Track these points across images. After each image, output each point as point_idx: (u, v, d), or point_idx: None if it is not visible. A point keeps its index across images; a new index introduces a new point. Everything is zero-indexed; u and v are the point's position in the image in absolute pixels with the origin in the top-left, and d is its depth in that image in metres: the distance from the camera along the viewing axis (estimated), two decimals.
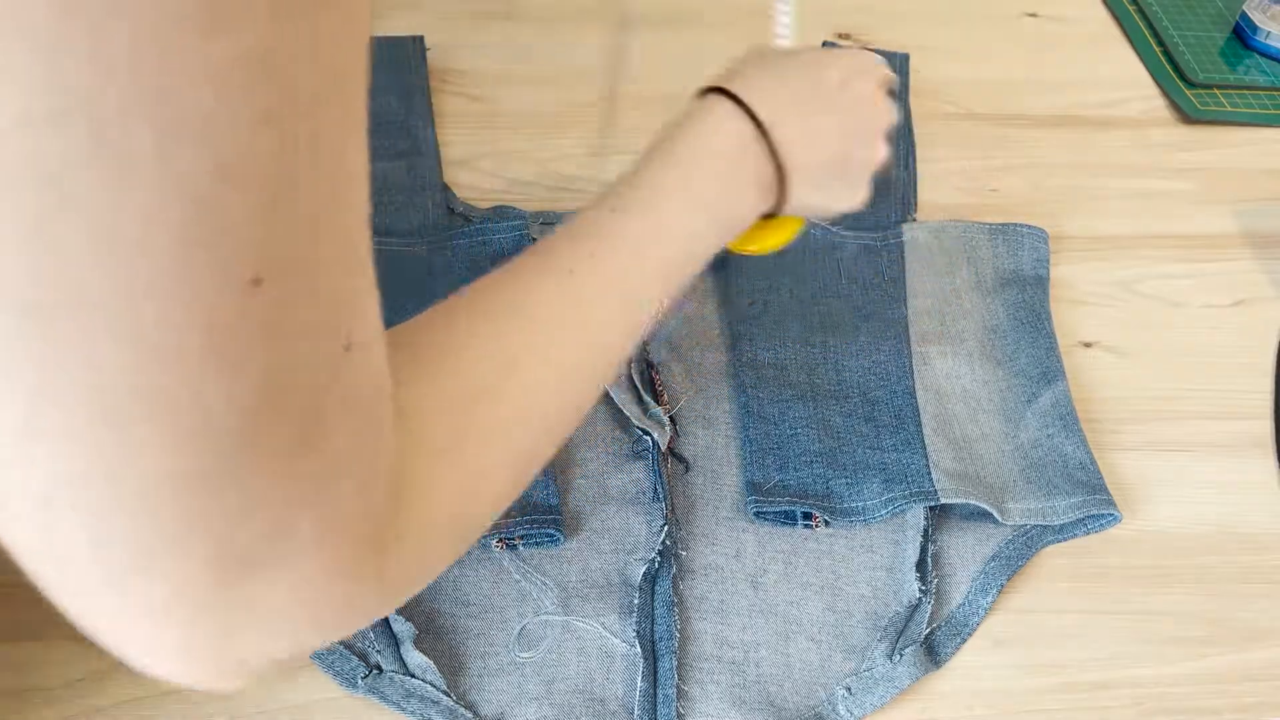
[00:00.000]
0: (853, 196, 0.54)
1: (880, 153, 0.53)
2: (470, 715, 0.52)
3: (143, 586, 0.28)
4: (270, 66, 0.24)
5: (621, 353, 0.44)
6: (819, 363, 0.65)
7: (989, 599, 0.57)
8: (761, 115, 0.48)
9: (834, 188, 0.52)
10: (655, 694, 0.53)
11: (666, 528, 0.58)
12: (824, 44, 0.84)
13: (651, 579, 0.57)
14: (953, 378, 0.65)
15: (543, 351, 0.39)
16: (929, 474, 0.59)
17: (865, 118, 0.52)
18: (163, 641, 0.30)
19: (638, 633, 0.55)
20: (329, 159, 0.27)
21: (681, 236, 0.46)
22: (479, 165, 0.76)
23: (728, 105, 0.49)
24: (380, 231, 0.69)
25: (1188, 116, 0.84)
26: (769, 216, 0.53)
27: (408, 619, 0.54)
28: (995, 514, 0.58)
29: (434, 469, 0.35)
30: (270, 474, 0.28)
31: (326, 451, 0.29)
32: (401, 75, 0.79)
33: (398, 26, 0.83)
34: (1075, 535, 0.60)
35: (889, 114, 0.54)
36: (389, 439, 0.32)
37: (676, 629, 0.55)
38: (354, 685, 0.52)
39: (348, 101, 0.27)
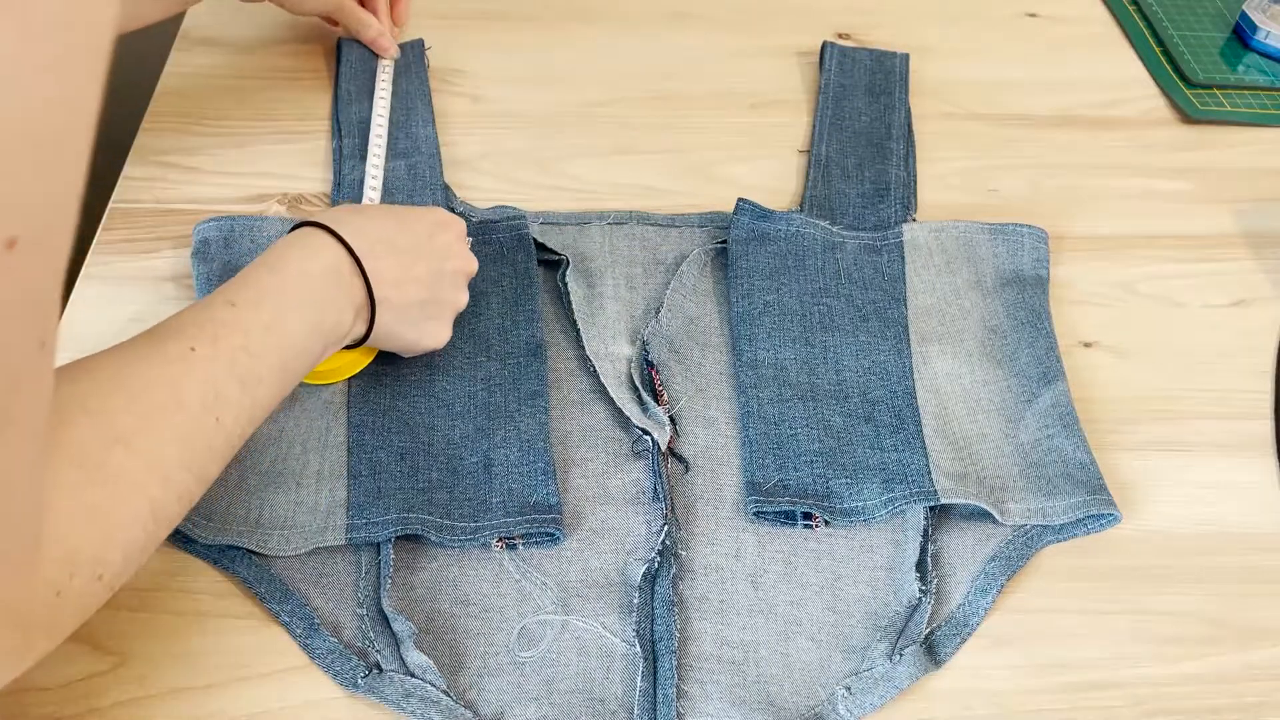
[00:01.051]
0: (438, 334, 0.60)
1: (463, 297, 0.61)
2: (470, 715, 0.52)
3: None
4: (42, 21, 0.24)
5: (236, 433, 0.47)
6: (819, 363, 0.65)
7: (989, 599, 0.57)
8: (356, 248, 0.54)
9: (422, 325, 0.59)
10: (655, 694, 0.53)
11: (666, 527, 0.58)
12: (823, 44, 0.84)
13: (651, 579, 0.57)
14: (953, 378, 0.65)
15: (158, 425, 0.41)
16: (929, 474, 0.59)
17: (451, 266, 0.59)
18: None
19: (637, 632, 0.55)
20: (81, 121, 0.26)
21: (290, 333, 0.50)
22: (479, 165, 0.76)
23: (325, 236, 0.55)
24: None
25: (1188, 116, 0.84)
26: (352, 346, 0.58)
27: (408, 619, 0.54)
28: (995, 514, 0.58)
29: (75, 505, 0.36)
30: None
31: (10, 460, 0.29)
32: (402, 78, 0.79)
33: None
34: (1075, 535, 0.60)
35: (470, 262, 0.61)
36: (43, 457, 0.32)
37: (676, 629, 0.55)
38: (354, 685, 0.52)
39: (97, 70, 0.27)
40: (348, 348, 0.58)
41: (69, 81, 0.26)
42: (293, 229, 0.56)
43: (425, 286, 0.58)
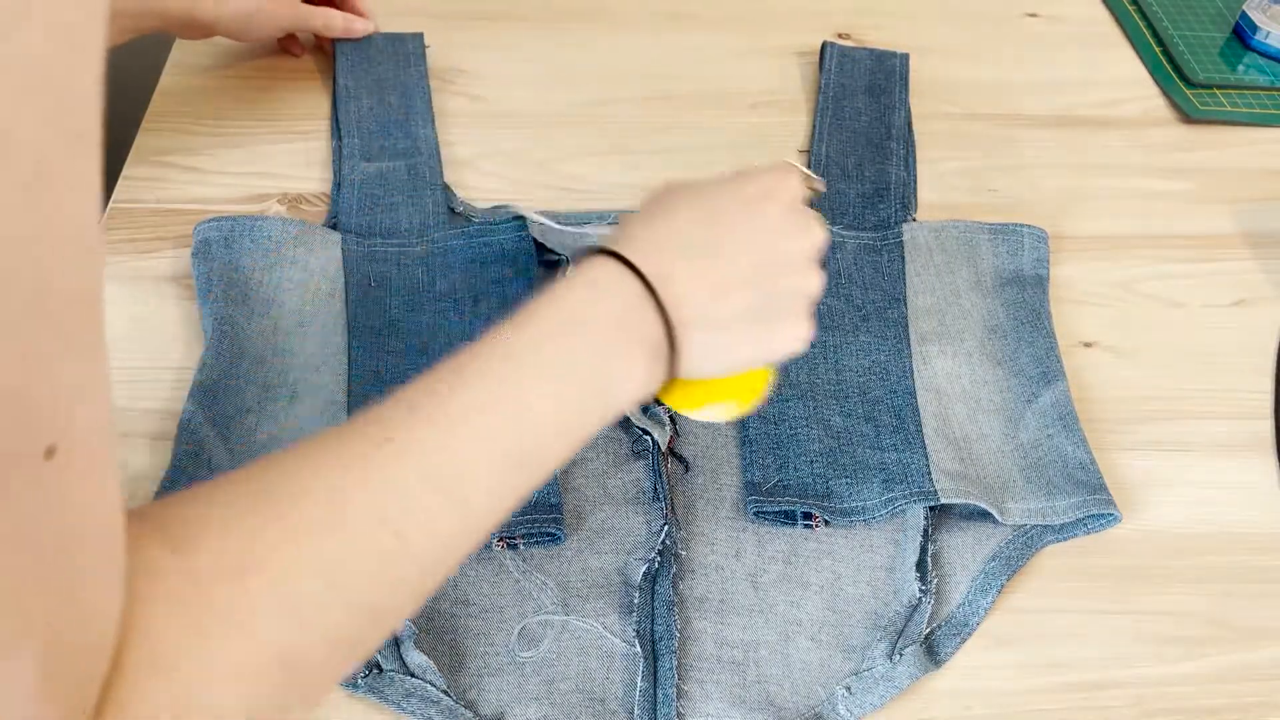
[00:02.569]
0: (793, 335, 0.47)
1: (814, 279, 0.47)
2: (470, 715, 0.52)
3: None
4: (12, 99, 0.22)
5: (434, 558, 0.37)
6: (819, 362, 0.65)
7: (989, 599, 0.57)
8: (648, 272, 0.42)
9: (760, 333, 0.45)
10: (655, 694, 0.53)
11: (666, 527, 0.58)
12: (823, 44, 0.84)
13: (651, 578, 0.57)
14: (953, 378, 0.65)
15: (298, 549, 0.32)
16: (929, 474, 0.59)
17: (782, 248, 0.45)
18: None
19: (638, 632, 0.55)
20: (65, 215, 0.24)
21: (546, 424, 0.40)
22: (479, 165, 0.76)
23: (613, 266, 0.43)
24: (380, 231, 0.70)
25: (1188, 116, 0.84)
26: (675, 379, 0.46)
27: (408, 619, 0.54)
28: (995, 514, 0.58)
29: (209, 649, 0.29)
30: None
31: (16, 578, 0.24)
32: (401, 74, 0.79)
33: (398, 26, 0.83)
34: (1075, 535, 0.60)
35: (811, 234, 0.47)
36: (111, 587, 0.27)
37: (676, 629, 0.55)
38: (354, 685, 0.52)
39: (85, 158, 0.24)
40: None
41: (42, 164, 0.23)
42: (590, 253, 0.44)
43: (751, 287, 0.45)
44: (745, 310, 0.44)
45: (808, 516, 0.59)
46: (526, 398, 0.39)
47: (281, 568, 0.32)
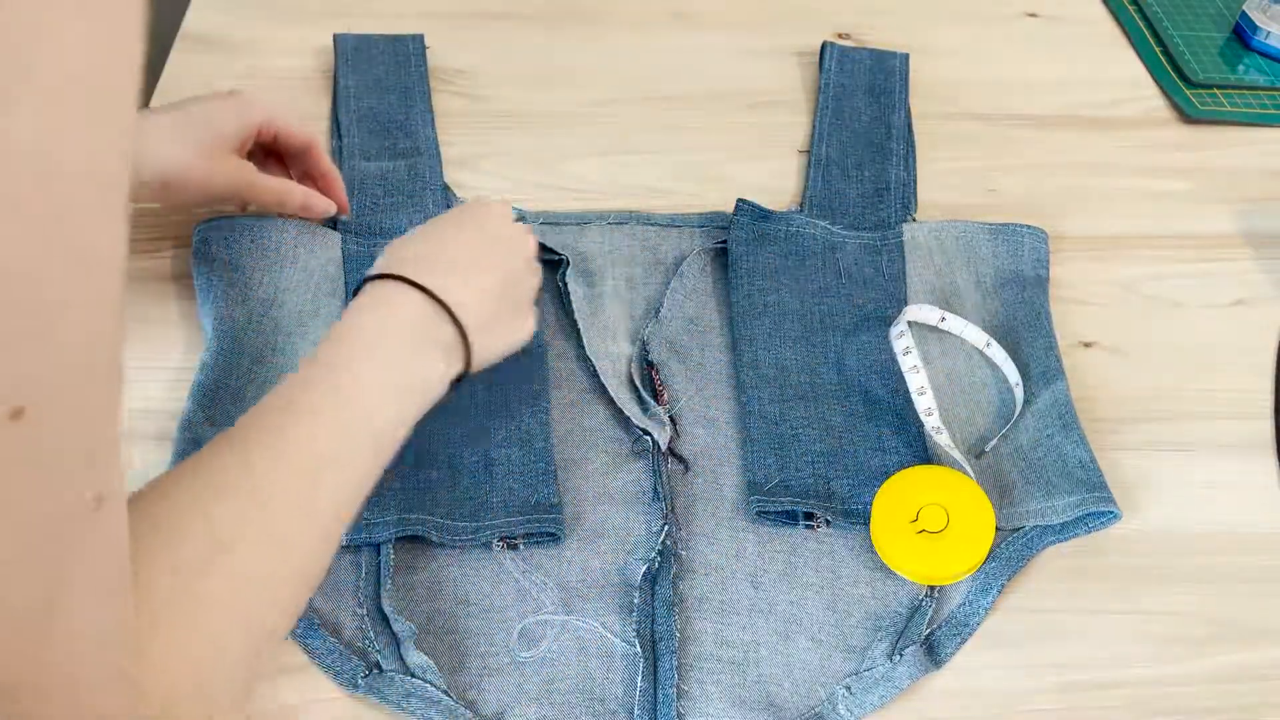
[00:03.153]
0: (524, 328, 0.57)
1: (536, 279, 0.58)
2: (470, 715, 0.52)
3: None
4: (37, 162, 0.22)
5: (336, 513, 0.44)
6: (819, 362, 0.65)
7: (989, 599, 0.57)
8: (431, 287, 0.51)
9: (509, 328, 0.56)
10: (655, 694, 0.53)
11: (666, 527, 0.58)
12: (823, 44, 0.84)
13: (651, 578, 0.57)
14: (953, 378, 0.65)
15: (256, 523, 0.39)
16: None
17: (513, 257, 0.56)
18: None
19: (638, 632, 0.55)
20: (98, 282, 0.24)
21: (379, 401, 0.47)
22: (479, 165, 0.76)
23: (399, 288, 0.51)
24: (380, 231, 0.70)
25: (1188, 116, 0.84)
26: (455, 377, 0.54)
27: (408, 619, 0.54)
28: (995, 515, 0.58)
29: (167, 639, 0.34)
30: (11, 649, 0.25)
31: (69, 620, 0.26)
32: (401, 74, 0.79)
33: (398, 26, 0.83)
34: (1076, 535, 0.60)
35: (528, 242, 0.58)
36: (132, 611, 0.30)
37: (676, 629, 0.55)
38: (354, 685, 0.52)
39: (114, 212, 0.25)
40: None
41: (76, 232, 0.24)
42: (358, 287, 0.53)
43: (499, 284, 0.55)
44: (500, 311, 0.55)
45: (809, 517, 0.59)
46: (368, 392, 0.47)
47: (241, 556, 0.38)
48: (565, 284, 0.67)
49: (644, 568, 0.56)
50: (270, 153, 0.67)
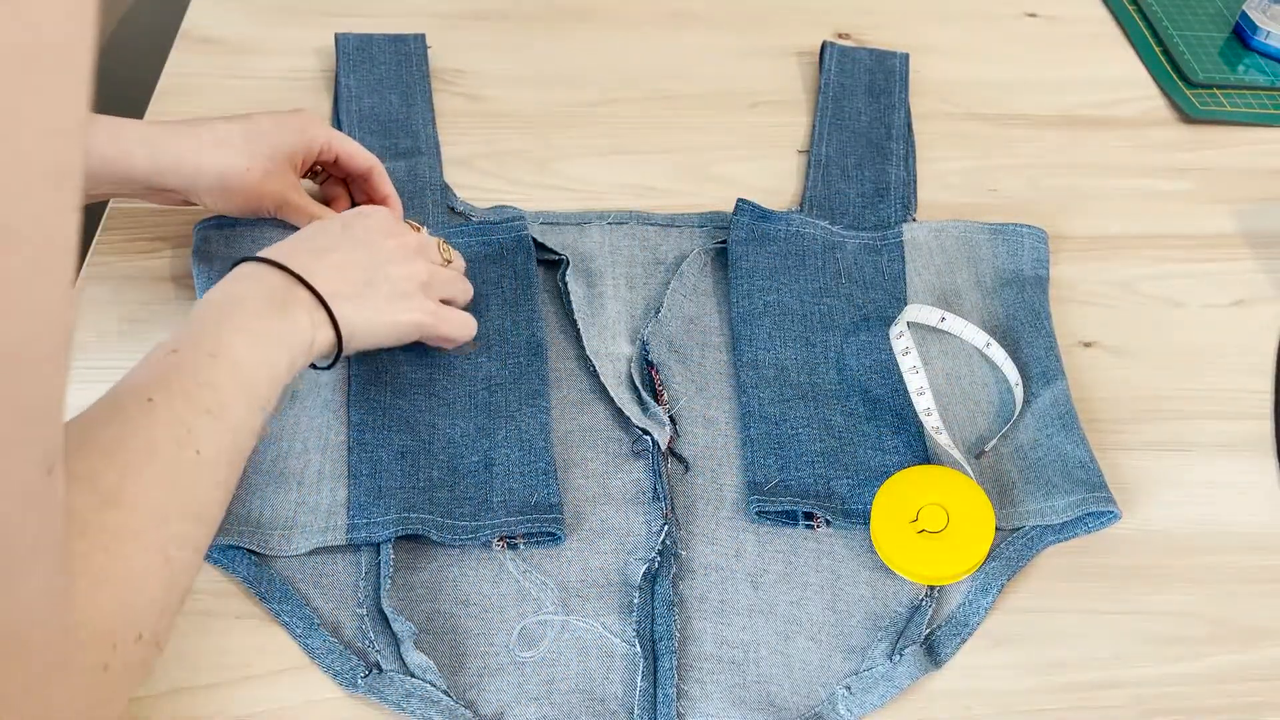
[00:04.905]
0: (415, 308, 0.59)
1: (413, 269, 0.60)
2: (470, 715, 0.52)
3: None
4: None
5: (223, 462, 0.47)
6: (819, 362, 0.65)
7: (989, 599, 0.57)
8: (288, 263, 0.55)
9: (382, 303, 0.58)
10: (655, 694, 0.53)
11: (666, 527, 0.58)
12: (823, 44, 0.84)
13: (651, 578, 0.57)
14: (953, 378, 0.65)
15: (139, 476, 0.41)
16: None
17: (377, 244, 0.59)
18: None
19: (638, 632, 0.55)
20: (42, 259, 0.25)
21: (239, 355, 0.50)
22: (479, 165, 0.76)
23: (249, 265, 0.55)
24: None
25: (1188, 116, 0.84)
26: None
27: (408, 619, 0.54)
28: (995, 515, 0.58)
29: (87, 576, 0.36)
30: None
31: (31, 585, 0.28)
32: (402, 74, 0.79)
33: (399, 26, 0.83)
34: (1076, 534, 0.60)
35: (405, 236, 0.61)
36: (66, 567, 0.32)
37: (676, 629, 0.55)
38: (354, 685, 0.52)
39: (61, 197, 0.25)
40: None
41: (24, 217, 0.24)
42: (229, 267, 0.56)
43: (363, 268, 0.57)
44: (367, 288, 0.57)
45: (809, 517, 0.59)
46: (235, 346, 0.50)
47: (138, 489, 0.41)
48: (565, 284, 0.67)
49: (644, 568, 0.56)
50: (333, 172, 0.70)
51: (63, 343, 0.27)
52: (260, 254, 0.55)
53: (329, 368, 0.57)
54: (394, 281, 0.58)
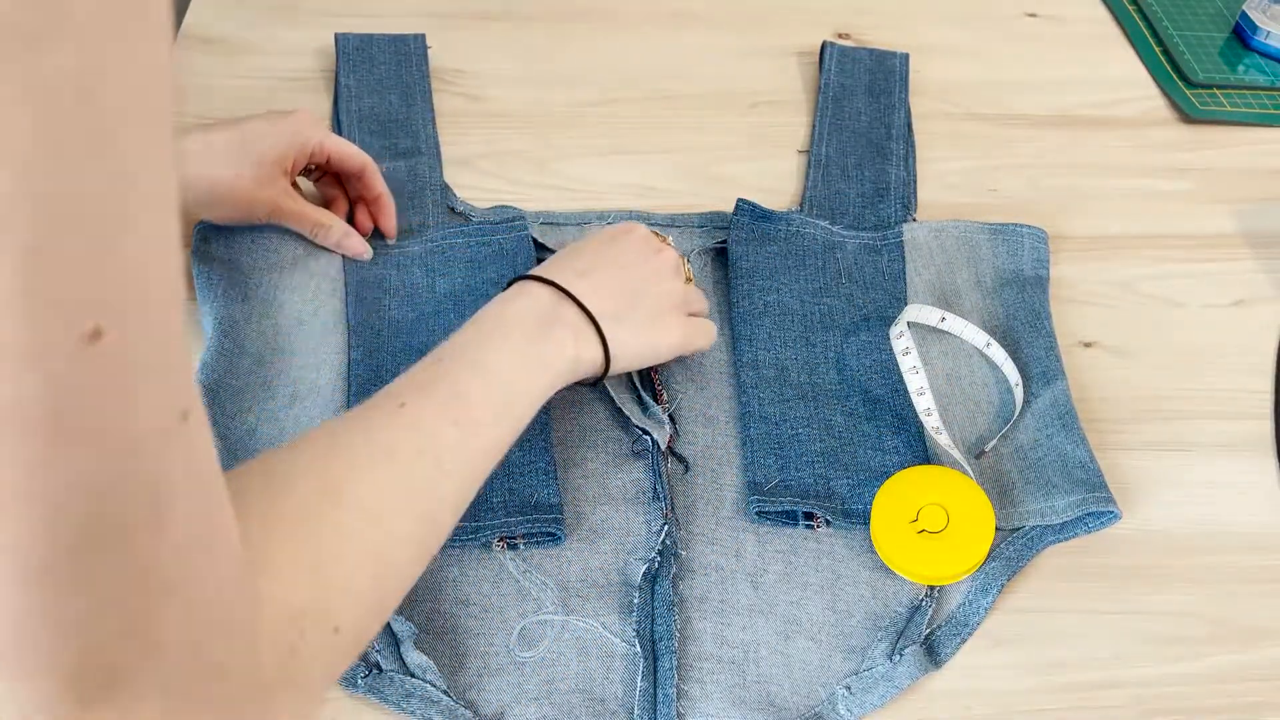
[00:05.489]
0: (667, 330, 0.60)
1: (672, 286, 0.61)
2: (470, 715, 0.52)
3: None
4: (88, 89, 0.22)
5: (464, 475, 0.47)
6: (819, 362, 0.65)
7: (989, 599, 0.57)
8: (558, 280, 0.56)
9: (645, 325, 0.59)
10: (655, 694, 0.53)
11: (666, 527, 0.58)
12: (823, 44, 0.84)
13: (651, 578, 0.57)
14: (953, 378, 0.65)
15: (370, 476, 0.42)
16: None
17: (638, 264, 0.60)
18: None
19: (638, 632, 0.55)
20: (156, 199, 0.25)
21: (499, 371, 0.51)
22: (479, 165, 0.76)
23: (523, 283, 0.57)
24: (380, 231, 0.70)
25: (1188, 116, 0.84)
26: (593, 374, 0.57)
27: (408, 619, 0.54)
28: (996, 516, 0.58)
29: (281, 562, 0.36)
30: (124, 563, 0.26)
31: (177, 532, 0.28)
32: (403, 73, 0.79)
33: (398, 26, 0.83)
34: (1076, 535, 0.60)
35: (661, 256, 0.61)
36: (232, 520, 0.31)
37: (676, 628, 0.55)
38: (354, 685, 0.52)
39: (163, 141, 0.25)
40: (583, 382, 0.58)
41: (126, 160, 0.24)
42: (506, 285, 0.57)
43: (627, 288, 0.58)
44: (631, 310, 0.58)
45: (809, 517, 0.59)
46: (498, 362, 0.51)
47: (365, 488, 0.41)
48: None
49: (644, 568, 0.56)
50: (328, 171, 0.69)
51: (175, 288, 0.27)
52: (530, 272, 0.57)
53: (594, 385, 0.59)
54: (656, 299, 0.59)
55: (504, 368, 0.51)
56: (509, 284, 0.57)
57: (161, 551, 0.27)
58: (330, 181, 0.70)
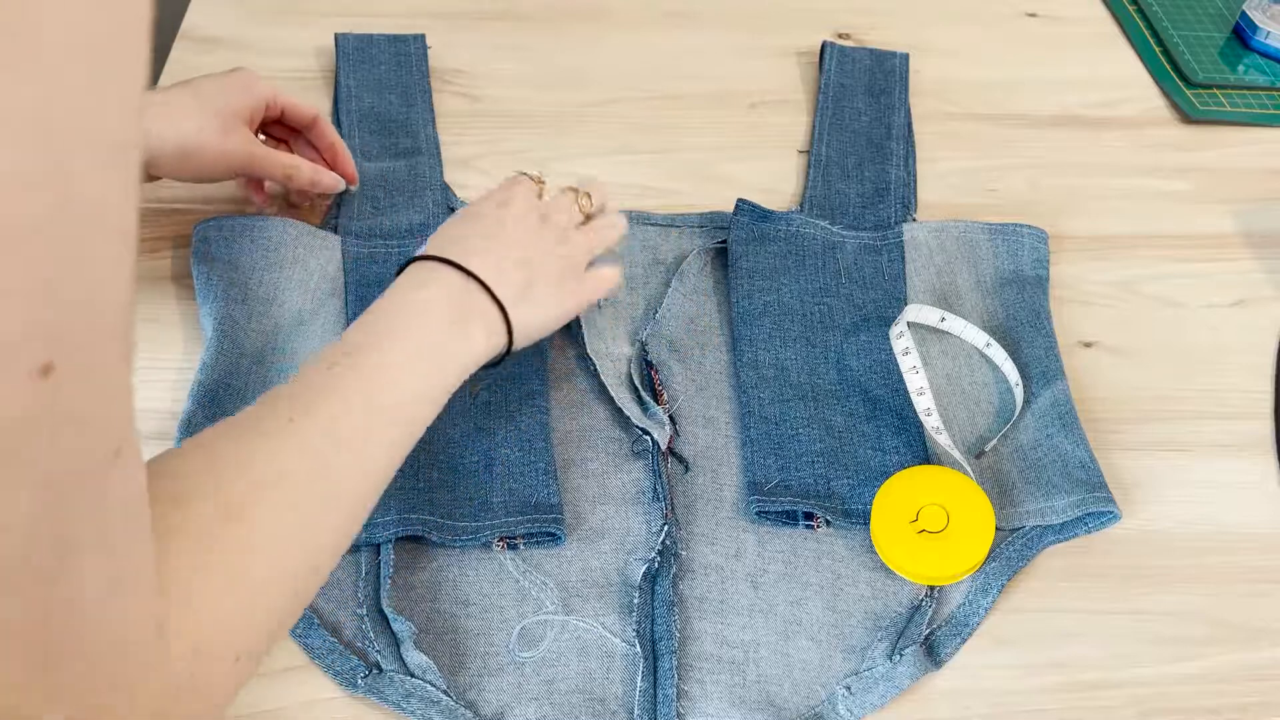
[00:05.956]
0: (565, 299, 0.58)
1: (569, 250, 0.59)
2: (470, 715, 0.52)
3: None
4: (46, 123, 0.22)
5: (356, 493, 0.45)
6: (819, 362, 0.65)
7: (989, 599, 0.57)
8: (463, 263, 0.54)
9: (547, 300, 0.57)
10: (655, 694, 0.53)
11: (666, 527, 0.58)
12: (823, 44, 0.84)
13: (651, 578, 0.57)
14: (953, 378, 0.65)
15: (268, 498, 0.40)
16: None
17: (536, 228, 0.57)
18: None
19: (638, 632, 0.55)
20: (113, 234, 0.25)
21: (400, 379, 0.49)
22: (479, 165, 0.76)
23: (434, 267, 0.54)
24: (380, 232, 0.70)
25: (1188, 116, 0.84)
26: (503, 355, 0.56)
27: (408, 619, 0.54)
28: (995, 515, 0.58)
29: (187, 591, 0.35)
30: (28, 606, 0.26)
31: (91, 575, 0.27)
32: (403, 74, 0.79)
33: (398, 26, 0.83)
34: (1076, 535, 0.60)
35: (556, 214, 0.59)
36: (151, 554, 0.31)
37: (676, 629, 0.55)
38: (354, 685, 0.52)
39: (126, 177, 0.25)
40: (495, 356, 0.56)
41: (87, 193, 0.24)
42: (401, 268, 0.55)
43: (531, 263, 0.56)
44: (532, 286, 0.56)
45: (809, 516, 0.59)
46: (398, 370, 0.49)
47: (264, 511, 0.40)
48: None
49: (644, 568, 0.56)
50: (275, 132, 0.70)
51: (126, 322, 0.27)
52: (430, 250, 0.55)
53: (492, 366, 0.56)
54: (557, 268, 0.57)
55: (406, 372, 0.49)
56: (406, 263, 0.55)
57: (72, 595, 0.27)
58: (275, 142, 0.70)
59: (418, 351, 0.50)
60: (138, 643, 0.31)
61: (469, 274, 0.54)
